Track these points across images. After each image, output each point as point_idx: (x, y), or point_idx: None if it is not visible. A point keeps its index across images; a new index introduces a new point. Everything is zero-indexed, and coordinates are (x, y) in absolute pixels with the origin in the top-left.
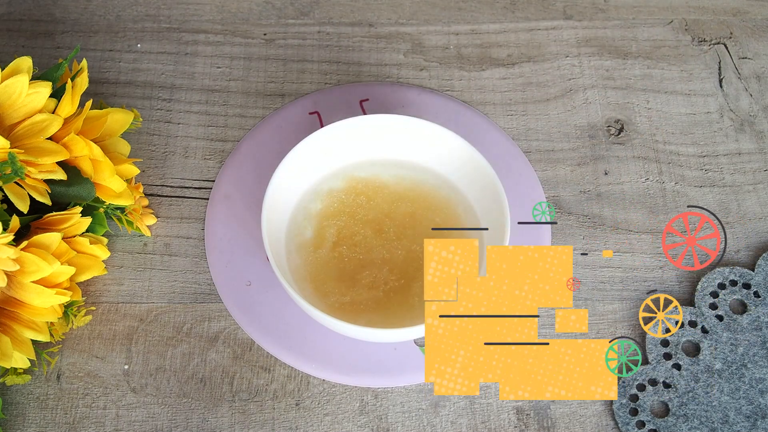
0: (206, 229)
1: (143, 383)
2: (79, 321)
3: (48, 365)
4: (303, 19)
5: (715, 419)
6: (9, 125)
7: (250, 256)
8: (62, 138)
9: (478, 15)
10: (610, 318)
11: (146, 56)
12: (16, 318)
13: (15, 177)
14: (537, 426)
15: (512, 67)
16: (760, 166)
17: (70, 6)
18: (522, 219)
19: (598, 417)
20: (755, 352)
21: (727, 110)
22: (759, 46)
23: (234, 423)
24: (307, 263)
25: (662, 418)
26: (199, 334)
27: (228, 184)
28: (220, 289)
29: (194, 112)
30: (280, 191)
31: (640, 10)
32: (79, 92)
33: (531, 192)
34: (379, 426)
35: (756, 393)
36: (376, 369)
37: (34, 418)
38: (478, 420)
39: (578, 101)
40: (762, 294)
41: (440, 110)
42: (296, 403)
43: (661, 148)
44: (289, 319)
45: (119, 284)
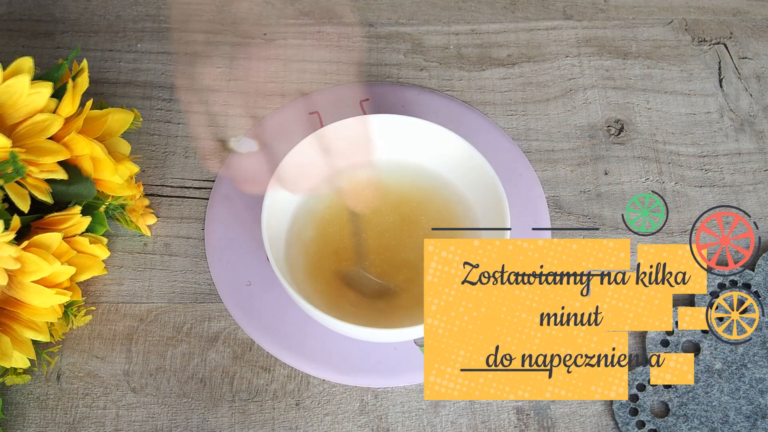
0: (206, 229)
1: (143, 383)
2: (79, 321)
3: (48, 365)
4: (303, 19)
5: (715, 419)
6: (10, 125)
7: (250, 256)
8: (63, 137)
9: (478, 15)
10: None
11: (146, 56)
12: (16, 318)
13: (16, 176)
14: (537, 426)
15: (512, 67)
16: (760, 166)
17: (70, 6)
18: (521, 219)
19: (598, 417)
20: (755, 352)
21: (727, 110)
22: (759, 46)
23: (234, 423)
24: (307, 263)
25: (662, 418)
26: (199, 334)
27: (228, 184)
28: (220, 289)
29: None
30: (280, 191)
31: (640, 10)
32: (80, 92)
33: (531, 192)
34: (379, 426)
35: (756, 393)
36: (376, 369)
37: (34, 418)
38: (478, 420)
39: (578, 101)
40: (762, 294)
41: (440, 110)
42: (296, 403)
43: (661, 148)
44: (289, 319)
45: (119, 284)
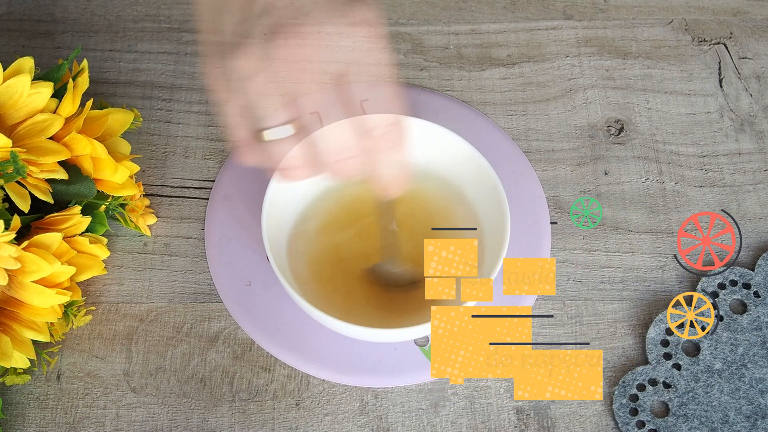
0: (206, 229)
1: (143, 383)
2: (79, 321)
3: (48, 365)
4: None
5: (715, 419)
6: (11, 125)
7: (250, 256)
8: (63, 137)
9: (478, 15)
10: (610, 318)
11: (146, 56)
12: (16, 318)
13: (17, 176)
14: (537, 426)
15: (512, 67)
16: (760, 166)
17: (70, 6)
18: (522, 219)
19: (598, 417)
20: (755, 352)
21: (727, 110)
22: (759, 46)
23: (234, 423)
24: (307, 263)
25: (662, 418)
26: (199, 334)
27: (228, 184)
28: (220, 289)
29: (194, 112)
30: (280, 191)
31: (640, 10)
32: (80, 92)
33: (531, 192)
34: (379, 426)
35: (756, 393)
36: (376, 369)
37: (34, 418)
38: (478, 420)
39: (578, 101)
40: (762, 294)
41: (440, 110)
42: (296, 403)
43: (661, 148)
44: (289, 319)
45: (119, 284)
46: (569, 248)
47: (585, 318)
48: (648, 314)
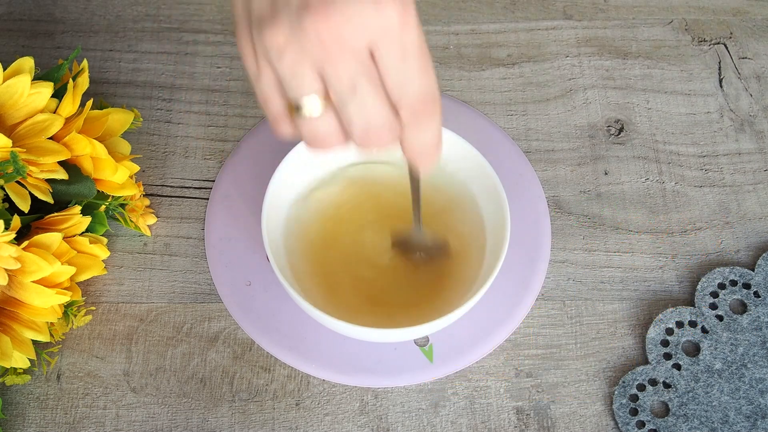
0: (206, 229)
1: (143, 383)
2: (79, 321)
3: (48, 365)
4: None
5: (715, 419)
6: (11, 125)
7: (250, 256)
8: (63, 137)
9: (478, 15)
10: (610, 318)
11: (146, 56)
12: (16, 318)
13: (17, 176)
14: (537, 426)
15: (512, 67)
16: (760, 166)
17: (70, 6)
18: (522, 218)
19: (598, 417)
20: (755, 352)
21: (727, 110)
22: (759, 46)
23: (234, 423)
24: (307, 263)
25: (662, 418)
26: (199, 334)
27: (228, 184)
28: (220, 289)
29: (194, 112)
30: (280, 191)
31: (640, 10)
32: (80, 92)
33: (531, 192)
34: (379, 426)
35: (756, 393)
36: (376, 369)
37: (34, 418)
38: (478, 420)
39: (578, 101)
40: (762, 294)
41: None
42: (296, 403)
43: (661, 148)
44: (289, 319)
45: (119, 284)
46: (569, 248)
47: (585, 318)
48: (648, 314)
